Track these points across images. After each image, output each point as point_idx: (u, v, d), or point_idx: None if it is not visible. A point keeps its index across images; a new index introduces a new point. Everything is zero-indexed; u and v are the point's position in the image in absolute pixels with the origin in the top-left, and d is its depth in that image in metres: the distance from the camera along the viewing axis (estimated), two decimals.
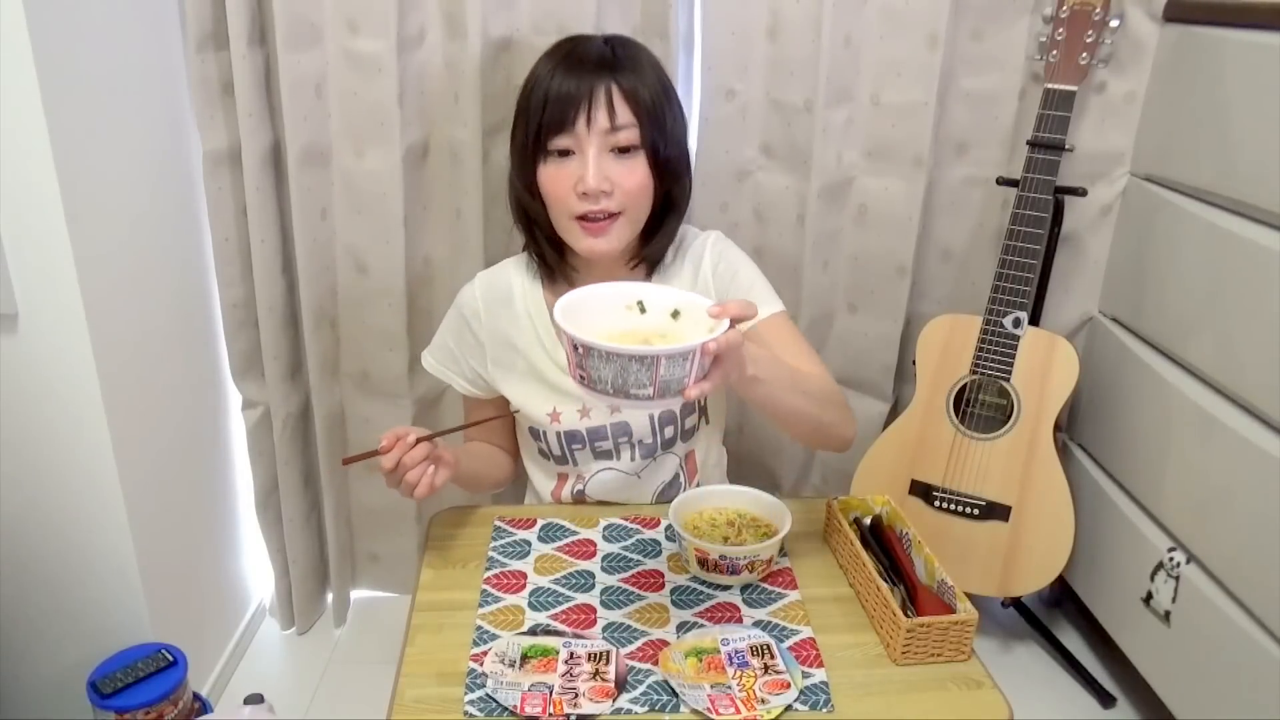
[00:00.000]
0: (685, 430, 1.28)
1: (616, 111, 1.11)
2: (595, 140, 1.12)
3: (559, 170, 1.14)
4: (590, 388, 0.82)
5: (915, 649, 0.96)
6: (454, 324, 1.30)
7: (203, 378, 1.65)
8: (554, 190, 1.15)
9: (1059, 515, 1.60)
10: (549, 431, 1.26)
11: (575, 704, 0.89)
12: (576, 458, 1.28)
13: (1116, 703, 1.69)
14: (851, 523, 1.13)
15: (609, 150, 1.13)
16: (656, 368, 0.79)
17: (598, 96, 1.11)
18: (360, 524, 1.86)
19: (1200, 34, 1.42)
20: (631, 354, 0.79)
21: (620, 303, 0.93)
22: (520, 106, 1.18)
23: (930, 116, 1.56)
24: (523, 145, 1.16)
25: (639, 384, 0.79)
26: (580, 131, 1.11)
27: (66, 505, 1.34)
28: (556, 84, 1.12)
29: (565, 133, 1.12)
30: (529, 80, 1.17)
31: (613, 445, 1.26)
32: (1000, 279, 1.55)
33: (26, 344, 1.25)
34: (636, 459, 1.27)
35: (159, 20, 1.45)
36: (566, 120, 1.11)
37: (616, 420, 1.25)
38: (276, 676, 1.76)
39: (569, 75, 1.12)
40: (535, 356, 1.25)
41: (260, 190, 1.53)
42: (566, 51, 1.16)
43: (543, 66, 1.16)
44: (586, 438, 1.26)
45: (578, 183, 1.12)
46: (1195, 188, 1.43)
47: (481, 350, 1.27)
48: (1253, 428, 1.28)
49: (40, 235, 1.20)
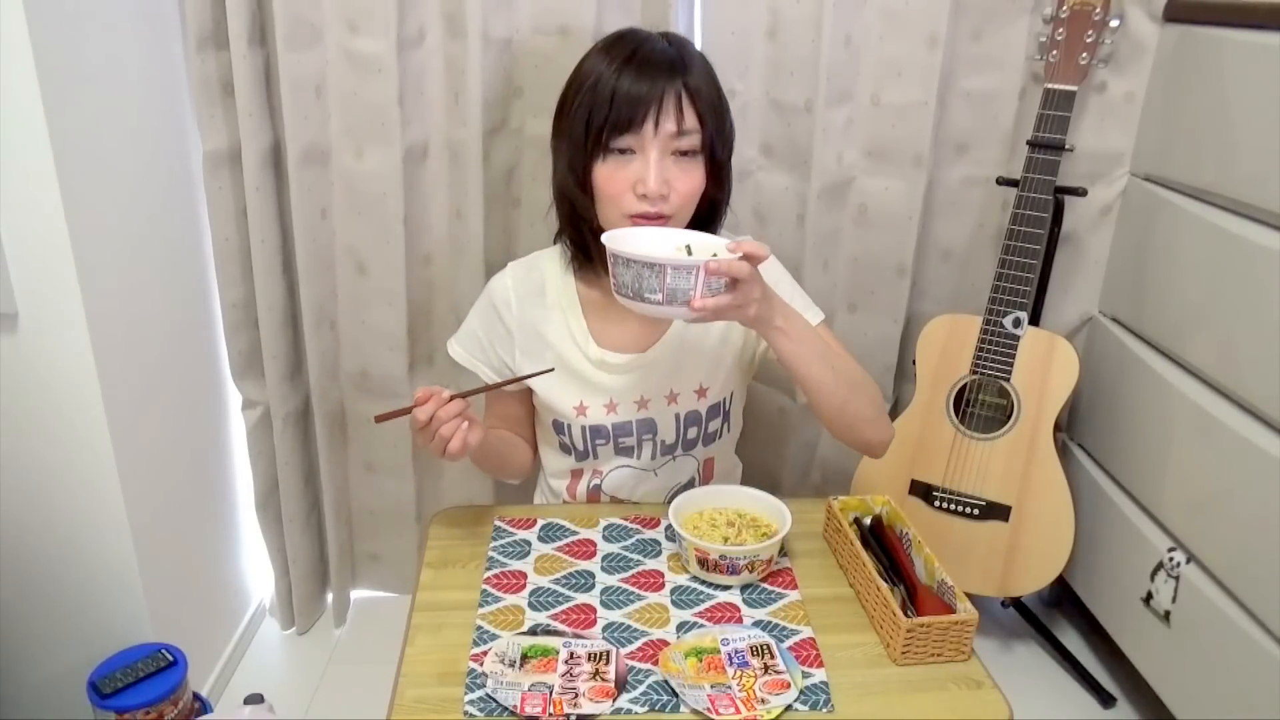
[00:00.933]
0: (708, 434, 1.29)
1: (684, 116, 1.11)
2: (659, 143, 1.10)
3: (618, 169, 1.12)
4: (619, 292, 0.98)
5: (915, 649, 0.96)
6: (484, 313, 1.28)
7: (203, 378, 1.65)
8: (610, 189, 1.13)
9: (1059, 515, 1.60)
10: (574, 425, 1.26)
11: (575, 704, 0.89)
12: (598, 452, 1.28)
13: (1116, 703, 1.69)
14: (851, 523, 1.13)
15: (670, 153, 1.12)
16: (664, 276, 0.94)
17: (667, 100, 1.09)
18: (360, 524, 1.86)
19: (1200, 34, 1.42)
20: (644, 260, 0.95)
21: (670, 245, 1.07)
22: (573, 100, 1.14)
23: (930, 116, 1.56)
24: (580, 140, 1.13)
25: (650, 289, 0.95)
26: (646, 133, 1.10)
27: (66, 505, 1.34)
28: (625, 84, 1.09)
29: (630, 133, 1.10)
30: (586, 75, 1.13)
31: (636, 442, 1.27)
32: (1000, 279, 1.55)
33: (26, 344, 1.25)
34: (657, 457, 1.28)
35: (159, 20, 1.45)
36: (635, 121, 1.09)
37: (642, 417, 1.25)
38: (276, 676, 1.76)
39: (639, 77, 1.09)
40: (565, 349, 1.24)
41: (260, 190, 1.53)
42: (632, 49, 1.12)
43: (602, 62, 1.12)
44: (611, 433, 1.26)
45: (637, 183, 1.11)
46: (1195, 188, 1.43)
47: (511, 340, 1.26)
48: (1253, 428, 1.28)
49: (40, 235, 1.20)
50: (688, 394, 1.25)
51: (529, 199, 1.64)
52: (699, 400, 1.26)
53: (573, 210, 1.20)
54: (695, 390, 1.25)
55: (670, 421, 1.26)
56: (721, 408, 1.28)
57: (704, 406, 1.27)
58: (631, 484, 1.30)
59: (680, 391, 1.25)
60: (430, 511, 1.78)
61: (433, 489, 1.84)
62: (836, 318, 1.74)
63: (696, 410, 1.26)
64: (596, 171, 1.13)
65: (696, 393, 1.25)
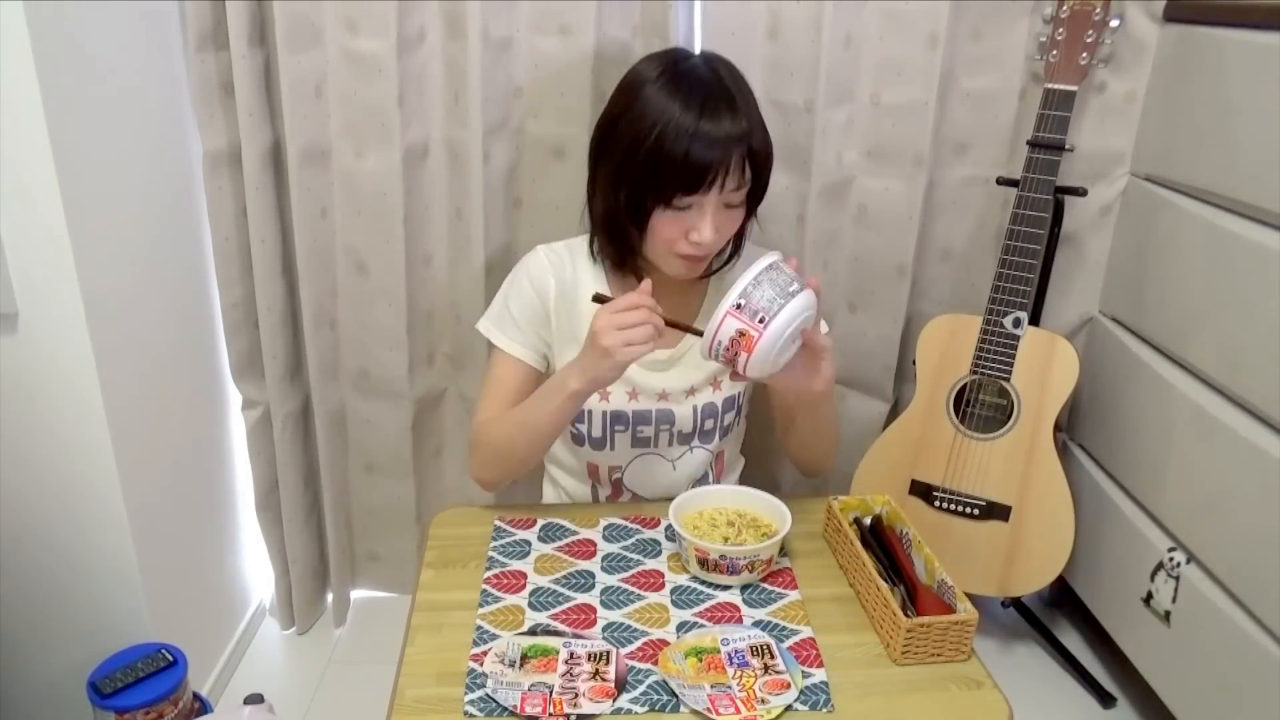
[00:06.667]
0: (724, 427, 1.33)
1: (745, 175, 1.15)
2: (716, 199, 1.13)
3: (675, 219, 1.15)
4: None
5: (915, 649, 0.96)
6: (522, 291, 1.29)
7: (202, 377, 1.65)
8: (665, 234, 1.17)
9: (1059, 515, 1.60)
10: (595, 410, 1.28)
11: (575, 704, 0.89)
12: (615, 441, 1.31)
13: (1116, 703, 1.69)
14: (851, 523, 1.13)
15: (724, 206, 1.15)
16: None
17: (734, 166, 1.12)
18: (360, 524, 1.86)
19: (1200, 34, 1.42)
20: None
21: None
22: (632, 133, 1.13)
23: (930, 116, 1.56)
24: (641, 185, 1.14)
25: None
26: (711, 194, 1.13)
27: (66, 505, 1.34)
28: (699, 149, 1.09)
29: (696, 194, 1.12)
30: (651, 115, 1.11)
31: (654, 432, 1.30)
32: (1000, 279, 1.55)
33: (26, 344, 1.25)
34: (674, 445, 1.32)
35: (159, 20, 1.45)
36: (701, 185, 1.11)
37: (662, 407, 1.29)
38: (276, 676, 1.76)
39: (712, 143, 1.09)
40: None
41: (260, 190, 1.53)
42: (701, 99, 1.11)
43: (670, 104, 1.11)
44: (631, 420, 1.29)
45: (691, 232, 1.15)
46: (1195, 188, 1.43)
47: (549, 323, 1.28)
48: (1253, 428, 1.28)
49: (40, 235, 1.20)
50: (704, 388, 1.30)
51: (529, 199, 1.64)
52: (714, 393, 1.31)
53: (617, 233, 1.22)
54: (711, 384, 1.30)
55: (687, 413, 1.30)
56: (736, 400, 1.33)
57: (719, 399, 1.31)
58: (653, 474, 1.33)
59: (698, 386, 1.30)
60: (430, 511, 1.78)
61: (433, 489, 1.84)
62: (836, 318, 1.74)
63: (713, 402, 1.31)
64: (655, 219, 1.16)
65: (712, 386, 1.30)
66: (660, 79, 1.14)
